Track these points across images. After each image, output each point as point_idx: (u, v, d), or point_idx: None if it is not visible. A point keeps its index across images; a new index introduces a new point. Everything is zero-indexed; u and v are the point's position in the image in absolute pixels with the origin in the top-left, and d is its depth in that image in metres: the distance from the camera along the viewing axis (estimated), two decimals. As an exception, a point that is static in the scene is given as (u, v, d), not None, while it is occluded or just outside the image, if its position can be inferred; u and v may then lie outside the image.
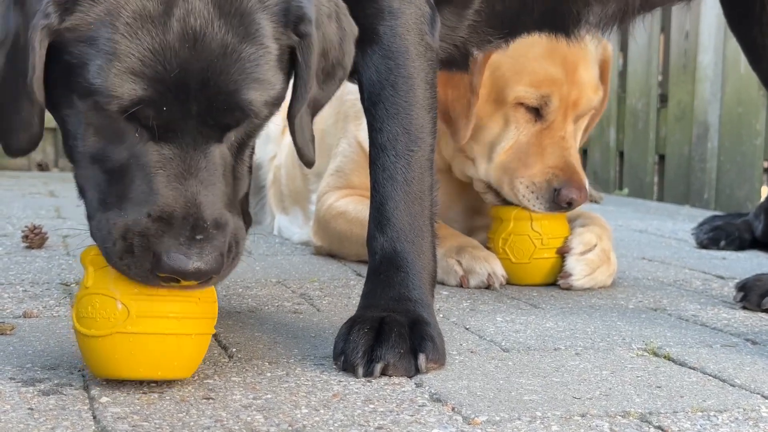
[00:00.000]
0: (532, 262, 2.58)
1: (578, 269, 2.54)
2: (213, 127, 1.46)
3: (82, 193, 1.55)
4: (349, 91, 2.96)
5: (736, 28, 2.48)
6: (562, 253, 2.57)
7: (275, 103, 1.51)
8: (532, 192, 2.55)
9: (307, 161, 1.66)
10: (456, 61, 2.14)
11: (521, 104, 2.59)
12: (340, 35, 1.64)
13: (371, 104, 1.82)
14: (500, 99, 2.60)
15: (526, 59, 2.57)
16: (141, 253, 1.44)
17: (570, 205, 2.54)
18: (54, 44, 1.43)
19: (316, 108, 1.65)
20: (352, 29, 1.67)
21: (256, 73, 1.46)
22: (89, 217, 1.53)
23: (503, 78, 2.59)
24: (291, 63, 1.56)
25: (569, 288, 2.53)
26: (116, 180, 1.47)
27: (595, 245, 2.58)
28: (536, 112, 2.60)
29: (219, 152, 1.48)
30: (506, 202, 2.64)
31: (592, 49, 2.66)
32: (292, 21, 1.52)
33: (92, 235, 1.51)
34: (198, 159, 1.46)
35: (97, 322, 1.51)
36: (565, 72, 2.58)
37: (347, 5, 1.70)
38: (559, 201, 2.53)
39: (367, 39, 1.80)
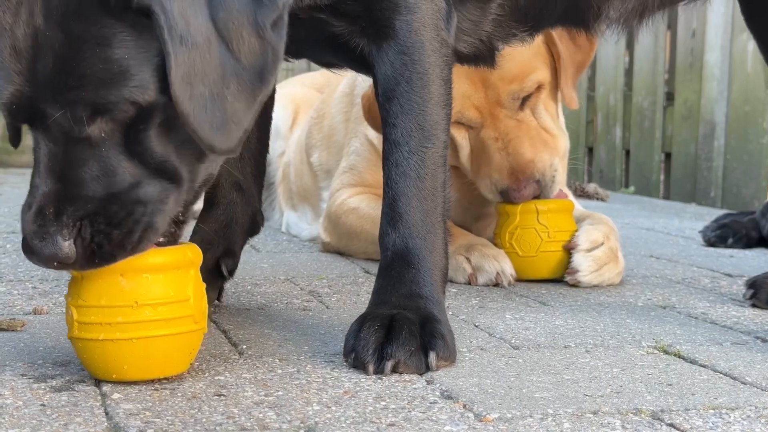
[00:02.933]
0: (539, 255, 2.58)
1: (585, 265, 2.53)
2: (68, 123, 1.48)
3: None
4: (359, 93, 2.97)
5: (753, 25, 2.47)
6: (569, 248, 2.57)
7: (139, 93, 1.46)
8: (490, 193, 2.60)
9: (207, 146, 1.49)
10: (482, 55, 2.13)
11: None
12: (253, 6, 1.50)
13: (385, 100, 1.81)
14: None
15: None
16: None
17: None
18: None
19: (251, 91, 1.50)
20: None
21: (84, 69, 1.45)
22: None
23: None
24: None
25: (576, 284, 2.53)
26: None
27: (602, 243, 2.58)
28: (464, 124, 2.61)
29: (84, 147, 1.50)
30: (506, 199, 2.64)
31: None
32: (117, 1, 1.45)
33: None
34: (58, 153, 1.50)
35: (67, 324, 1.59)
36: (469, 80, 2.55)
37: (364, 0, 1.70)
38: (506, 200, 2.57)
39: (382, 34, 1.79)
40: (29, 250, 1.50)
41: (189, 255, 1.60)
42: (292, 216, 3.42)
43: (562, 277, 2.58)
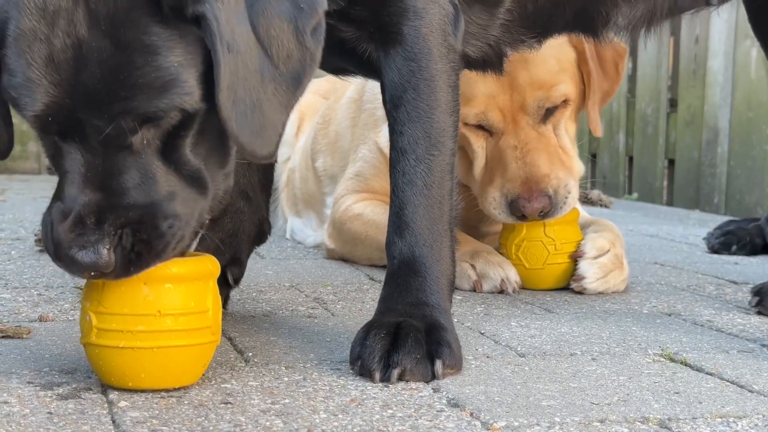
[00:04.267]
0: (546, 268, 2.58)
1: (591, 272, 2.53)
2: (108, 135, 1.46)
3: None
4: (368, 99, 2.96)
5: (760, 31, 2.47)
6: (575, 257, 2.56)
7: (185, 101, 1.46)
8: (495, 209, 2.55)
9: (250, 154, 1.52)
10: (491, 61, 2.13)
11: (467, 124, 2.57)
12: (294, 13, 1.51)
13: (393, 107, 1.81)
14: None
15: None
16: (47, 245, 1.53)
17: (525, 217, 2.52)
18: None
19: (283, 98, 1.52)
20: (314, 4, 1.54)
21: (133, 79, 1.43)
22: None
23: None
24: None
25: (582, 291, 2.53)
26: (56, 171, 1.57)
27: (608, 250, 2.58)
28: (484, 128, 2.59)
29: (124, 157, 1.49)
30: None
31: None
32: (168, 10, 1.45)
33: None
34: (96, 164, 1.48)
35: (81, 329, 1.59)
36: (498, 82, 2.53)
37: (369, 3, 1.69)
38: (513, 213, 2.52)
39: (389, 39, 1.79)
40: (67, 259, 1.48)
41: (209, 266, 1.60)
42: (297, 222, 3.42)
43: (569, 285, 2.57)
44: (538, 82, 2.57)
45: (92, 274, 1.49)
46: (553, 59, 2.61)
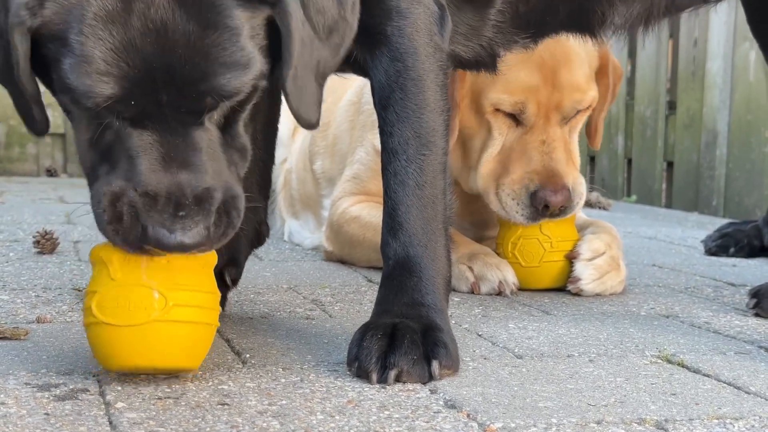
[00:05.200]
0: (542, 266, 2.58)
1: (587, 273, 2.54)
2: (186, 113, 1.49)
3: (84, 170, 1.62)
4: (367, 101, 2.97)
5: (758, 32, 2.47)
6: (571, 258, 2.57)
7: (254, 80, 1.52)
8: (513, 199, 2.54)
9: (306, 123, 1.64)
10: (484, 61, 2.13)
11: (498, 111, 2.58)
12: None
13: (381, 108, 1.81)
14: (479, 108, 2.60)
15: (501, 67, 2.56)
16: (129, 223, 1.51)
17: (547, 208, 2.52)
18: (36, 40, 1.49)
19: (323, 69, 1.63)
20: None
21: (222, 58, 1.48)
22: (90, 187, 1.59)
23: (480, 87, 2.58)
24: (274, 35, 1.55)
25: (579, 292, 2.53)
26: (107, 159, 1.54)
27: (604, 252, 2.58)
28: (515, 118, 2.59)
29: (201, 133, 1.51)
30: None
31: (580, 48, 2.64)
32: None
33: (90, 203, 1.58)
34: (177, 143, 1.50)
35: (131, 312, 1.55)
36: (542, 77, 2.56)
37: None
38: (535, 204, 2.52)
39: (375, 41, 1.79)
40: (169, 240, 1.48)
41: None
42: (294, 224, 3.42)
43: (564, 286, 2.58)
44: (576, 84, 2.61)
45: (190, 251, 1.52)
46: (587, 65, 2.65)
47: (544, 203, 2.51)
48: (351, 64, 1.86)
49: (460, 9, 1.96)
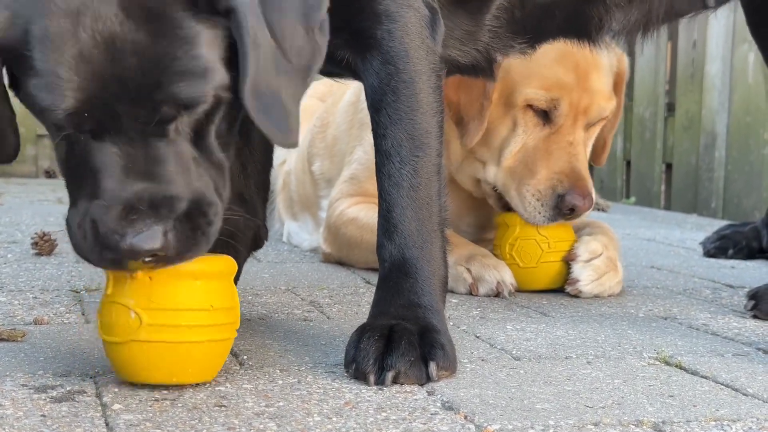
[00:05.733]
0: (540, 266, 2.58)
1: (585, 275, 2.54)
2: (145, 124, 1.48)
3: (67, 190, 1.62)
4: (365, 100, 2.97)
5: (758, 35, 2.47)
6: (568, 260, 2.57)
7: (217, 89, 1.50)
8: (538, 200, 2.54)
9: (279, 142, 1.60)
10: (481, 66, 2.13)
11: (530, 107, 2.58)
12: (305, 10, 1.59)
13: (374, 111, 1.81)
14: (509, 102, 2.60)
15: (537, 64, 2.56)
16: (91, 239, 1.51)
17: (573, 212, 2.53)
18: (5, 60, 1.50)
19: (293, 90, 1.59)
20: (319, 0, 1.62)
21: (174, 67, 1.47)
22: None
23: (513, 81, 2.59)
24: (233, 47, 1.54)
25: (577, 294, 2.53)
26: (76, 176, 1.55)
27: (601, 253, 2.58)
28: (545, 116, 2.59)
29: (163, 145, 1.50)
30: (511, 208, 2.64)
31: (606, 58, 2.66)
32: (204, 3, 1.50)
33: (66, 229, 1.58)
34: (137, 154, 1.49)
35: (115, 329, 1.57)
36: (576, 78, 2.58)
37: (342, 10, 1.69)
38: (562, 207, 2.51)
39: (365, 45, 1.79)
40: (122, 245, 1.47)
41: (234, 264, 1.66)
42: (293, 226, 3.42)
43: (562, 287, 2.58)
44: (604, 91, 2.63)
45: (146, 259, 1.49)
46: (611, 75, 2.67)
47: (571, 206, 2.51)
48: (345, 69, 1.86)
49: (454, 14, 1.97)
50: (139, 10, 1.46)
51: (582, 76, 2.58)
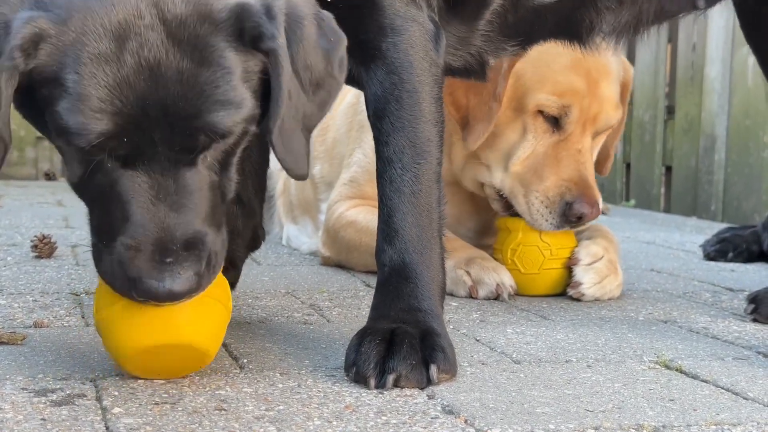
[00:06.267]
0: (542, 273, 2.58)
1: (587, 278, 2.54)
2: (180, 152, 1.48)
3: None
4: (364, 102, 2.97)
5: (752, 39, 2.48)
6: (570, 265, 2.57)
7: (245, 122, 1.52)
8: (546, 207, 2.54)
9: (295, 174, 1.65)
10: (473, 69, 2.15)
11: (540, 113, 2.58)
12: (326, 45, 1.62)
13: (377, 119, 1.82)
14: (520, 107, 2.59)
15: (550, 69, 2.57)
16: (121, 278, 1.51)
17: (580, 220, 2.53)
18: (27, 84, 1.48)
19: (309, 123, 1.64)
20: (339, 38, 1.65)
21: (215, 96, 1.47)
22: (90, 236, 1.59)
23: (525, 86, 2.59)
24: (266, 84, 1.55)
25: (580, 297, 2.53)
26: (99, 204, 1.54)
27: (602, 257, 2.59)
28: (555, 123, 2.59)
29: (192, 174, 1.51)
30: (515, 213, 2.64)
31: (615, 67, 2.67)
32: (249, 40, 1.52)
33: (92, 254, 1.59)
34: (168, 184, 1.49)
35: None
36: (587, 85, 2.59)
37: (348, 21, 1.70)
38: (570, 215, 2.52)
39: (370, 56, 1.81)
40: (157, 289, 1.47)
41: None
42: (293, 229, 3.42)
43: (563, 291, 2.58)
44: (613, 100, 2.65)
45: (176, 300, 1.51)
46: (619, 85, 2.68)
47: (579, 215, 2.52)
48: (347, 78, 1.87)
49: (449, 22, 1.99)
50: (185, 38, 1.46)
51: (593, 83, 2.59)
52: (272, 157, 2.31)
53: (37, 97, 1.49)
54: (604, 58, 2.61)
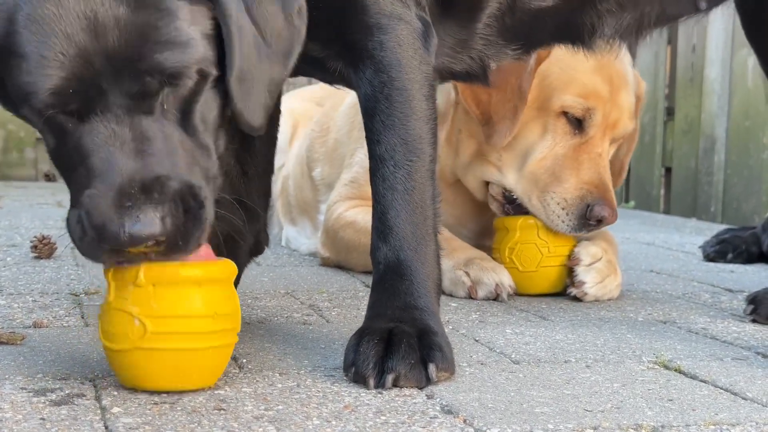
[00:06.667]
0: (540, 270, 2.58)
1: (590, 277, 2.54)
2: (131, 98, 1.49)
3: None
4: None
5: (754, 39, 2.48)
6: (571, 265, 2.57)
7: (200, 63, 1.52)
8: (563, 209, 2.54)
9: (248, 127, 1.63)
10: (475, 73, 2.15)
11: (564, 114, 2.59)
12: (282, 4, 1.63)
13: (368, 118, 1.82)
14: (544, 107, 2.59)
15: (576, 71, 2.58)
16: (88, 233, 1.49)
17: (600, 223, 2.53)
18: None
19: (274, 76, 1.63)
20: (300, 4, 1.66)
21: (156, 36, 1.48)
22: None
23: (551, 86, 2.59)
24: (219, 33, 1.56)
25: (583, 297, 2.53)
26: (69, 170, 1.54)
27: (602, 257, 2.59)
28: (577, 125, 2.60)
29: (150, 122, 1.50)
30: (516, 212, 2.65)
31: (632, 78, 2.69)
32: None
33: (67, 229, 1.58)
34: (123, 132, 1.49)
35: (118, 336, 1.56)
36: (610, 91, 2.61)
37: (333, 22, 1.71)
38: (590, 217, 2.52)
39: (357, 56, 1.81)
40: (120, 234, 1.45)
41: (233, 268, 1.65)
42: (291, 230, 3.42)
43: (563, 290, 2.58)
44: (630, 110, 2.67)
45: (146, 245, 1.47)
46: (634, 96, 2.68)
47: (600, 218, 2.52)
48: (338, 78, 1.88)
49: (444, 23, 1.99)
50: None
51: (615, 89, 2.62)
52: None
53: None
54: (623, 66, 2.63)
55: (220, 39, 1.56)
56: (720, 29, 5.03)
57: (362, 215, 2.83)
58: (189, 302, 1.56)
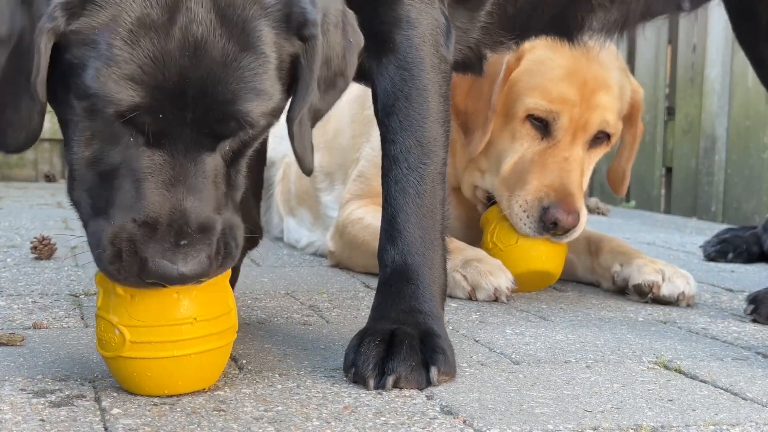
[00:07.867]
0: (520, 243, 2.61)
1: (679, 282, 2.53)
2: (207, 135, 1.45)
3: (75, 200, 1.55)
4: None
5: (744, 42, 2.50)
6: (656, 295, 2.56)
7: (273, 114, 1.49)
8: (524, 211, 2.58)
9: (306, 169, 1.63)
10: (471, 63, 2.16)
11: (529, 119, 2.62)
12: (345, 45, 1.61)
13: (385, 115, 1.82)
14: (511, 113, 2.65)
15: (543, 78, 2.62)
16: (129, 258, 1.45)
17: (555, 226, 2.54)
18: (57, 45, 1.42)
19: (316, 117, 1.63)
20: (358, 40, 1.64)
21: (254, 83, 1.44)
22: (84, 225, 1.54)
23: (517, 93, 2.64)
24: (293, 71, 1.53)
25: (658, 297, 2.53)
26: (108, 185, 1.47)
27: (653, 264, 2.62)
28: (544, 130, 2.62)
29: (211, 160, 1.47)
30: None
31: (617, 82, 2.69)
32: (295, 26, 1.49)
33: (88, 242, 1.52)
34: (188, 166, 1.45)
35: (105, 343, 1.58)
36: (580, 95, 2.61)
37: (364, 12, 1.69)
38: (545, 220, 2.54)
39: (382, 48, 1.80)
40: (171, 271, 1.43)
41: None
42: (291, 222, 3.43)
43: (547, 271, 2.62)
44: (608, 106, 2.66)
45: (188, 282, 1.47)
46: (619, 100, 2.72)
47: (554, 220, 2.53)
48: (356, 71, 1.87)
49: (454, 12, 1.98)
50: (233, 18, 1.43)
51: (588, 92, 2.63)
52: (276, 145, 2.32)
53: (65, 59, 1.42)
54: (606, 72, 2.65)
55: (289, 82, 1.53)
56: (720, 29, 5.02)
57: (370, 213, 2.84)
58: (166, 310, 1.54)
